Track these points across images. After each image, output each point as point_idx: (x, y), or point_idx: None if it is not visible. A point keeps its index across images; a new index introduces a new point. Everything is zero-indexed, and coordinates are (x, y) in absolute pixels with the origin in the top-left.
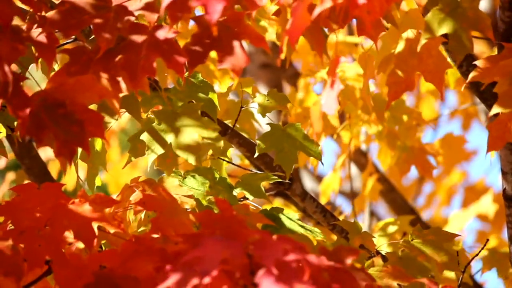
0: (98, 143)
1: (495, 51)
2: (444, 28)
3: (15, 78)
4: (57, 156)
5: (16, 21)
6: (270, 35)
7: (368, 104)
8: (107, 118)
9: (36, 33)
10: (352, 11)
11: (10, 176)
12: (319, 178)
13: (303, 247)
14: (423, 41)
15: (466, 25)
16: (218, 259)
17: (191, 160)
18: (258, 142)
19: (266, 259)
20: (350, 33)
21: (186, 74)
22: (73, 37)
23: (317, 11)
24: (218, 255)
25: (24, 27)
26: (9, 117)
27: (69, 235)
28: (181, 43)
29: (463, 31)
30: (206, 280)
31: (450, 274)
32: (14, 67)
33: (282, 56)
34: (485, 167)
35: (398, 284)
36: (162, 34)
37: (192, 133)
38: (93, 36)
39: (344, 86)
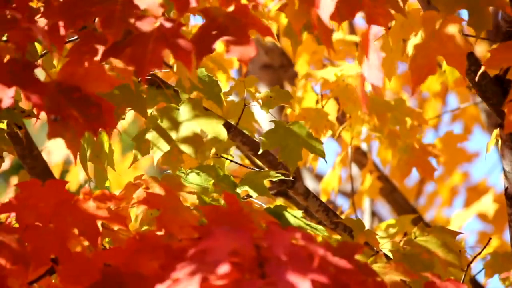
0: (105, 144)
1: None
2: (462, 5)
3: (28, 65)
4: (85, 130)
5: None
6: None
7: (362, 102)
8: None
9: (43, 22)
10: None
11: (14, 180)
12: (319, 178)
13: (311, 236)
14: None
15: (484, 2)
16: (227, 250)
17: (193, 154)
18: (262, 138)
19: (276, 248)
20: (351, 34)
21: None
22: None
23: None
24: (227, 245)
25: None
26: (16, 115)
27: (73, 233)
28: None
29: (481, 8)
30: (223, 268)
31: (452, 273)
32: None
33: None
34: (487, 168)
35: (401, 280)
36: (168, 26)
37: (194, 127)
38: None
39: (344, 86)
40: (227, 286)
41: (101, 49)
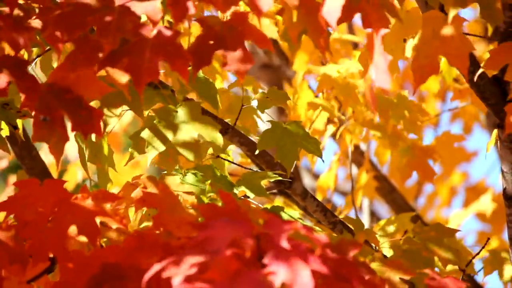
0: (105, 145)
1: None
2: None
3: (21, 61)
4: (73, 130)
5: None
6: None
7: (371, 103)
8: (109, 116)
9: (38, 23)
10: None
11: (12, 179)
12: (318, 177)
13: (311, 228)
14: (452, 13)
15: None
16: (227, 240)
17: (191, 157)
18: (259, 139)
19: (276, 238)
20: (350, 33)
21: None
22: None
23: None
24: (227, 236)
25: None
26: (11, 115)
27: (72, 231)
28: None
29: (491, 2)
30: (223, 255)
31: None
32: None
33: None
34: (486, 167)
35: (400, 278)
36: (166, 35)
37: (191, 131)
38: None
39: (345, 84)
40: (227, 276)
41: (97, 56)
